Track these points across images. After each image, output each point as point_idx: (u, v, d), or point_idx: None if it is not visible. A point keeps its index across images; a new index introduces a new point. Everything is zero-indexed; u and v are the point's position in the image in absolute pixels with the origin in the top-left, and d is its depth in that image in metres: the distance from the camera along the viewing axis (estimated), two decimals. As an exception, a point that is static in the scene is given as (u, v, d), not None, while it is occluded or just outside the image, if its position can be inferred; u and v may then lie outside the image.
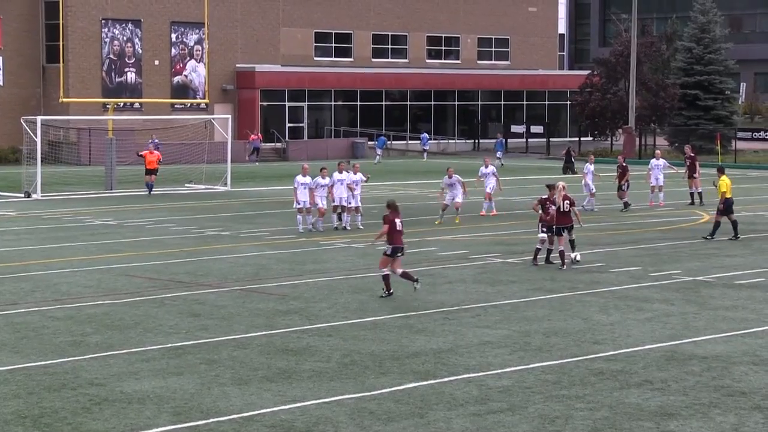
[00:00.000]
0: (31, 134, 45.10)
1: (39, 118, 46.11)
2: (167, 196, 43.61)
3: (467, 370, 15.37)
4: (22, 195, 42.57)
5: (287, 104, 74.39)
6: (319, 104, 76.13)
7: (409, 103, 79.41)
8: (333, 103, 76.50)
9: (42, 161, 44.03)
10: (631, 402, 13.80)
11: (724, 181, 29.49)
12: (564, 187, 24.82)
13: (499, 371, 15.28)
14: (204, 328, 18.13)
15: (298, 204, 30.93)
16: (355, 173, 32.18)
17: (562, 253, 24.43)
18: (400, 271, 20.92)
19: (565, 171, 57.62)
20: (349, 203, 31.61)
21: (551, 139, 76.69)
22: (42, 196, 42.15)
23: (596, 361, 15.87)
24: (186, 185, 47.52)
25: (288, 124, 74.31)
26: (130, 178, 48.58)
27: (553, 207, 24.60)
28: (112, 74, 69.07)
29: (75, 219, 35.07)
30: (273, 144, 71.27)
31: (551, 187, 25.19)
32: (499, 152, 65.04)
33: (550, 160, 68.53)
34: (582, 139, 77.69)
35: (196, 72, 71.51)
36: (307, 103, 75.28)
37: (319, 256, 26.48)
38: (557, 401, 13.81)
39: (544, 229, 24.89)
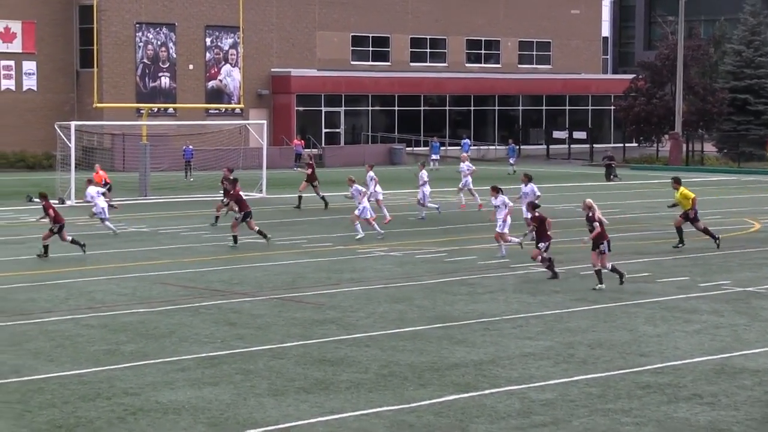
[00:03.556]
0: (65, 140, 45.44)
1: (73, 124, 46.41)
2: (201, 203, 43.75)
3: (509, 382, 15.33)
4: (56, 201, 42.88)
5: (323, 109, 74.56)
6: (356, 109, 76.23)
7: (448, 108, 79.37)
8: (370, 108, 76.59)
9: (76, 167, 44.32)
10: (679, 416, 13.71)
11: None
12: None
13: (542, 384, 15.23)
14: (239, 338, 18.19)
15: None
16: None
17: (598, 272, 23.16)
18: None
19: (608, 178, 57.46)
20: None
21: (595, 145, 76.39)
22: (76, 203, 42.43)
23: (643, 374, 15.78)
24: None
25: (324, 130, 74.47)
26: (165, 185, 48.84)
27: (596, 224, 23.70)
28: (146, 79, 69.51)
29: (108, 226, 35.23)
30: (309, 150, 71.41)
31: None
32: (511, 158, 64.85)
33: (593, 167, 68.26)
34: (627, 145, 77.34)
35: (231, 76, 71.82)
36: (343, 108, 75.40)
37: (356, 265, 26.51)
38: (602, 415, 13.74)
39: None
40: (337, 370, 15.93)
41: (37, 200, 28.83)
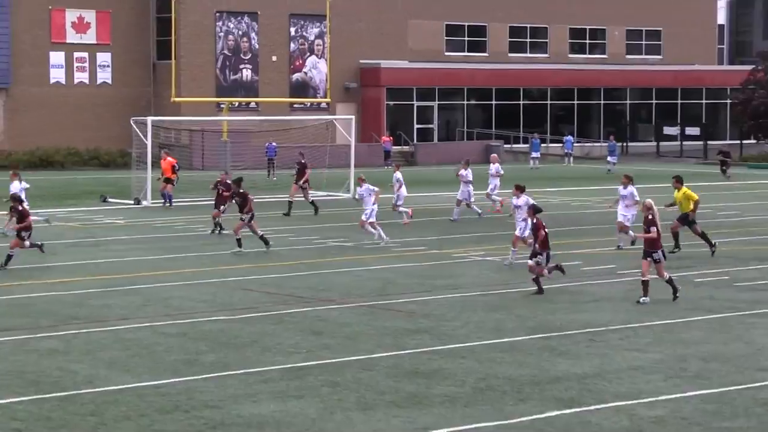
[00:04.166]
0: (141, 136, 46.06)
1: (149, 119, 47.01)
2: (285, 204, 44.09)
3: (616, 397, 15.23)
4: (132, 202, 43.53)
5: (415, 104, 74.70)
6: (450, 104, 76.26)
7: (549, 102, 79.03)
8: (465, 102, 76.57)
9: (152, 165, 44.86)
10: (803, 437, 13.50)
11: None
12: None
13: (652, 399, 15.11)
14: (326, 348, 18.30)
15: None
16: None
17: (645, 283, 22.31)
18: None
19: (724, 172, 57.21)
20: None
21: (709, 142, 75.46)
22: (152, 203, 43.03)
23: (762, 390, 15.58)
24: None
25: (416, 126, 74.60)
26: (246, 184, 49.09)
27: (653, 228, 22.32)
28: (227, 71, 70.28)
29: (187, 228, 35.76)
30: (400, 147, 71.59)
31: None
32: (611, 156, 64.15)
33: (708, 165, 67.41)
34: (744, 142, 76.24)
35: (317, 69, 72.32)
36: (437, 102, 75.48)
37: (451, 270, 26.53)
38: (718, 435, 13.59)
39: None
40: (431, 383, 15.95)
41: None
